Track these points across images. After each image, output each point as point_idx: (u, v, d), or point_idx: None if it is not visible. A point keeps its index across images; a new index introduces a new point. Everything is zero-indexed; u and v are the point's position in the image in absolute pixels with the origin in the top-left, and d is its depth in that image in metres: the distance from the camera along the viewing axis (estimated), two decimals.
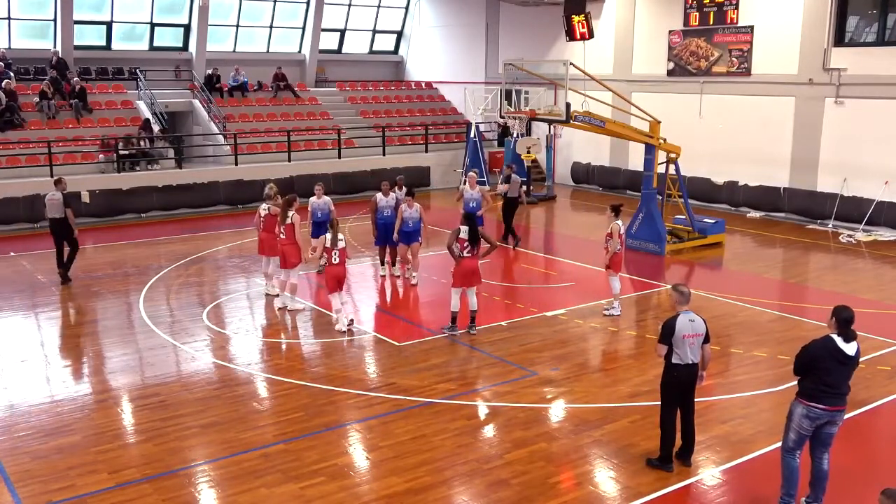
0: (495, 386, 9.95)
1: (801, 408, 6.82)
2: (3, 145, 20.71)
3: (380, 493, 7.38)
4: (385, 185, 14.50)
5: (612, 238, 12.37)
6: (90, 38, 26.21)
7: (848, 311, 6.73)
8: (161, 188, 21.44)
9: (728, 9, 21.83)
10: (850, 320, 6.71)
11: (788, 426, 6.94)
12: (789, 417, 6.93)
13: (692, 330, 7.44)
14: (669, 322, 7.49)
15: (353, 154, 25.40)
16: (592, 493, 7.48)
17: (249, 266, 15.85)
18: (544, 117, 17.90)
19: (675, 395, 7.66)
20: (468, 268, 11.45)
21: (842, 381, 6.77)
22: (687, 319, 7.46)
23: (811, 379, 6.76)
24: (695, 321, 7.48)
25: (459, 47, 30.21)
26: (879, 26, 19.48)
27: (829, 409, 6.76)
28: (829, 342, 6.70)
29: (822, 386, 6.71)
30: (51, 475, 7.70)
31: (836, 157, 20.05)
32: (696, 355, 7.52)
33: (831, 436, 6.95)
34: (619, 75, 24.15)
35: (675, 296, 7.63)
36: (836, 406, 6.80)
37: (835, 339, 6.69)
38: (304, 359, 10.97)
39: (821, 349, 6.72)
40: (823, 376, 6.70)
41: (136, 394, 9.71)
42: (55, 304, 13.41)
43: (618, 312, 12.63)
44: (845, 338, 6.69)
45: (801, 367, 6.83)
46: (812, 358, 6.75)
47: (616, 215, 12.52)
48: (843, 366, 6.73)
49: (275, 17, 29.08)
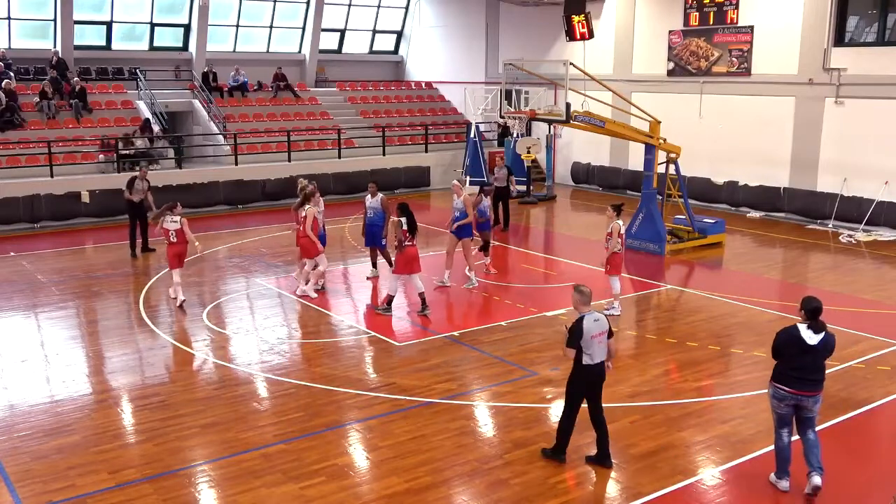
0: (495, 386, 9.95)
1: (771, 388, 7.32)
2: (3, 145, 20.71)
3: (380, 493, 7.39)
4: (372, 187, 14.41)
5: (612, 237, 12.36)
6: (90, 38, 26.20)
7: (815, 301, 7.13)
8: (161, 188, 21.42)
9: (728, 9, 21.83)
10: (817, 311, 7.06)
11: (771, 407, 7.42)
12: (771, 399, 7.39)
13: (598, 329, 7.57)
14: (576, 325, 7.51)
15: (353, 154, 25.40)
16: (592, 493, 7.48)
17: (249, 266, 15.86)
18: (544, 117, 17.89)
19: (582, 394, 7.75)
20: (411, 255, 12.31)
21: (808, 367, 7.12)
22: (592, 320, 7.56)
23: (781, 363, 7.23)
24: (599, 320, 7.61)
25: (459, 47, 30.20)
26: (879, 26, 19.48)
27: (793, 392, 7.14)
28: (794, 331, 7.13)
29: (787, 370, 7.17)
30: (51, 475, 7.70)
31: (836, 157, 20.05)
32: (604, 353, 7.67)
33: (811, 419, 7.32)
34: (619, 75, 24.15)
35: (576, 297, 7.66)
36: (802, 391, 7.14)
37: (799, 328, 7.09)
38: (304, 359, 10.97)
39: (785, 336, 7.19)
40: (788, 361, 7.15)
41: (136, 394, 9.72)
42: (55, 304, 13.41)
43: (617, 312, 12.62)
44: (813, 328, 7.04)
45: (773, 352, 7.30)
46: (779, 343, 7.22)
47: (617, 214, 12.51)
48: (807, 353, 7.09)
49: (275, 17, 29.07)
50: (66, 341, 11.67)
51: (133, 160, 21.95)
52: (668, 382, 10.11)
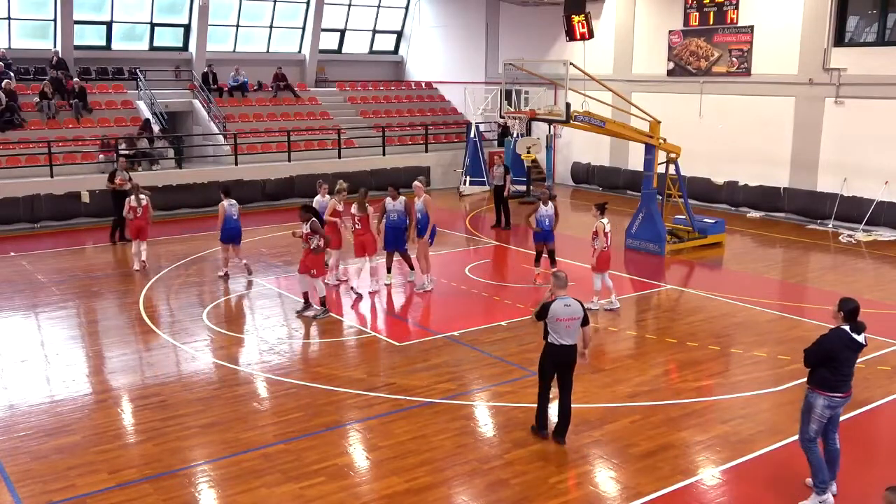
0: (495, 386, 9.95)
1: (823, 399, 7.03)
2: (3, 145, 20.70)
3: (380, 493, 7.39)
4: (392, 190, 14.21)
5: (598, 237, 12.63)
6: (90, 38, 26.19)
7: (853, 301, 7.01)
8: (161, 188, 21.43)
9: (728, 9, 21.82)
10: (857, 310, 6.98)
11: (809, 418, 7.12)
12: (809, 410, 7.12)
13: (567, 314, 8.00)
14: (545, 304, 8.08)
15: (353, 154, 25.39)
16: (592, 493, 7.48)
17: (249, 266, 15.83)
18: (544, 117, 17.88)
19: (550, 370, 8.30)
20: (321, 257, 12.49)
21: (853, 368, 7.10)
22: (563, 304, 8.02)
23: (829, 370, 6.99)
24: (570, 305, 8.03)
25: (459, 47, 30.20)
26: (879, 26, 19.48)
27: (845, 396, 7.08)
28: (844, 333, 6.97)
29: (839, 376, 7.00)
30: (51, 475, 7.70)
31: (836, 157, 20.04)
32: (573, 337, 8.11)
33: (839, 417, 7.26)
34: (619, 75, 24.14)
35: (552, 281, 8.22)
36: (849, 392, 7.12)
37: (847, 330, 6.96)
38: (305, 359, 10.97)
39: (836, 341, 6.96)
40: (840, 367, 6.98)
41: (136, 394, 9.72)
42: (55, 304, 13.41)
43: (596, 307, 12.75)
44: (856, 329, 6.96)
45: (818, 359, 7.02)
46: (830, 350, 6.97)
47: (601, 213, 12.79)
48: (854, 354, 7.03)
49: (275, 17, 29.06)
50: (66, 341, 11.67)
51: (133, 160, 21.94)
52: (668, 382, 10.11)
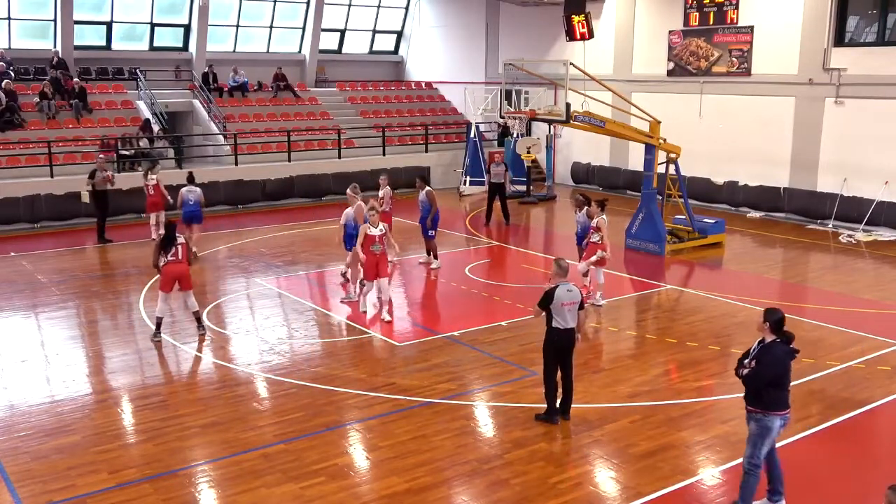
0: (495, 386, 9.95)
1: (779, 419, 6.76)
2: (3, 145, 20.70)
3: (380, 493, 7.39)
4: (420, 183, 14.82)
5: (602, 233, 12.92)
6: (90, 38, 26.18)
7: (779, 312, 6.78)
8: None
9: (728, 9, 21.82)
10: (783, 320, 6.75)
11: (763, 442, 6.76)
12: (765, 434, 6.74)
13: (570, 298, 8.50)
14: (550, 291, 8.49)
15: (353, 154, 25.39)
16: (592, 493, 7.48)
17: (249, 266, 15.86)
18: (544, 117, 17.89)
19: (554, 355, 8.69)
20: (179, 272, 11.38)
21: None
22: (565, 290, 8.50)
23: (779, 388, 6.74)
24: (572, 291, 8.54)
25: (459, 47, 30.19)
26: (879, 26, 19.47)
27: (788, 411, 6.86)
28: (783, 346, 6.71)
29: (785, 391, 6.82)
30: (51, 475, 7.70)
31: (836, 157, 20.04)
32: (574, 320, 8.60)
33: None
34: (619, 75, 24.14)
35: (554, 268, 8.65)
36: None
37: (784, 343, 6.71)
38: (305, 359, 10.97)
39: (783, 356, 6.72)
40: (786, 382, 6.81)
41: (136, 394, 9.72)
42: (55, 304, 13.41)
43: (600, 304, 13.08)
44: (787, 340, 6.73)
45: (772, 380, 6.70)
46: (780, 368, 6.71)
47: (601, 210, 13.10)
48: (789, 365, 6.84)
49: (275, 17, 29.05)
50: (66, 341, 11.67)
51: (133, 160, 21.96)
52: (668, 382, 10.11)
